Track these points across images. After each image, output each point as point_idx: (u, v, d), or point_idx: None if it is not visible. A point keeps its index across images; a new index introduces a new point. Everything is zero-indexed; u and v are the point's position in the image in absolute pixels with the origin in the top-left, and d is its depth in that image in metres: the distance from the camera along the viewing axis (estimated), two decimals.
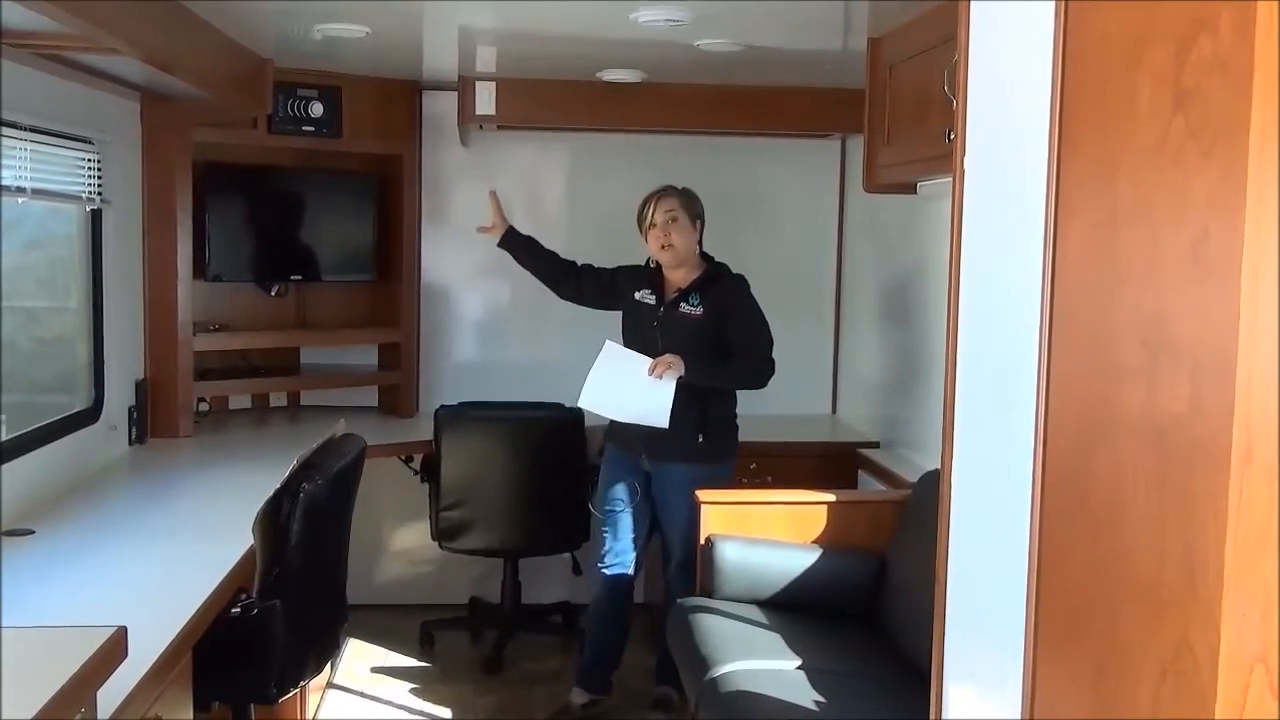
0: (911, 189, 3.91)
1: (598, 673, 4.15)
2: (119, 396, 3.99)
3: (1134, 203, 1.04)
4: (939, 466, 1.52)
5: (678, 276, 4.01)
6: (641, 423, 3.90)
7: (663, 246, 3.94)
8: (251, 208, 4.89)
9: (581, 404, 3.99)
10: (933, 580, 1.45)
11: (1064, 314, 1.13)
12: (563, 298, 4.32)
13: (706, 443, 3.93)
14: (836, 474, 4.65)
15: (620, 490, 4.08)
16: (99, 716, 1.85)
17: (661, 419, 3.83)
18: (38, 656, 1.76)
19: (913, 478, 3.88)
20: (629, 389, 3.89)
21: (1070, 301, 1.12)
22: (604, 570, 4.11)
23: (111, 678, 1.84)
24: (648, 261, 4.09)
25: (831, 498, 3.92)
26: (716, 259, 4.08)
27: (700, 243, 4.02)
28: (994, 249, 1.33)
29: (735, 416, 4.07)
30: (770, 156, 5.31)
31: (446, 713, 4.22)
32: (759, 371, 3.96)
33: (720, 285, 3.97)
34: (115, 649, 1.82)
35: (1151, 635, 0.93)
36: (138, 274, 4.18)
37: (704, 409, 3.92)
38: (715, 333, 3.94)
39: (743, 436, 4.77)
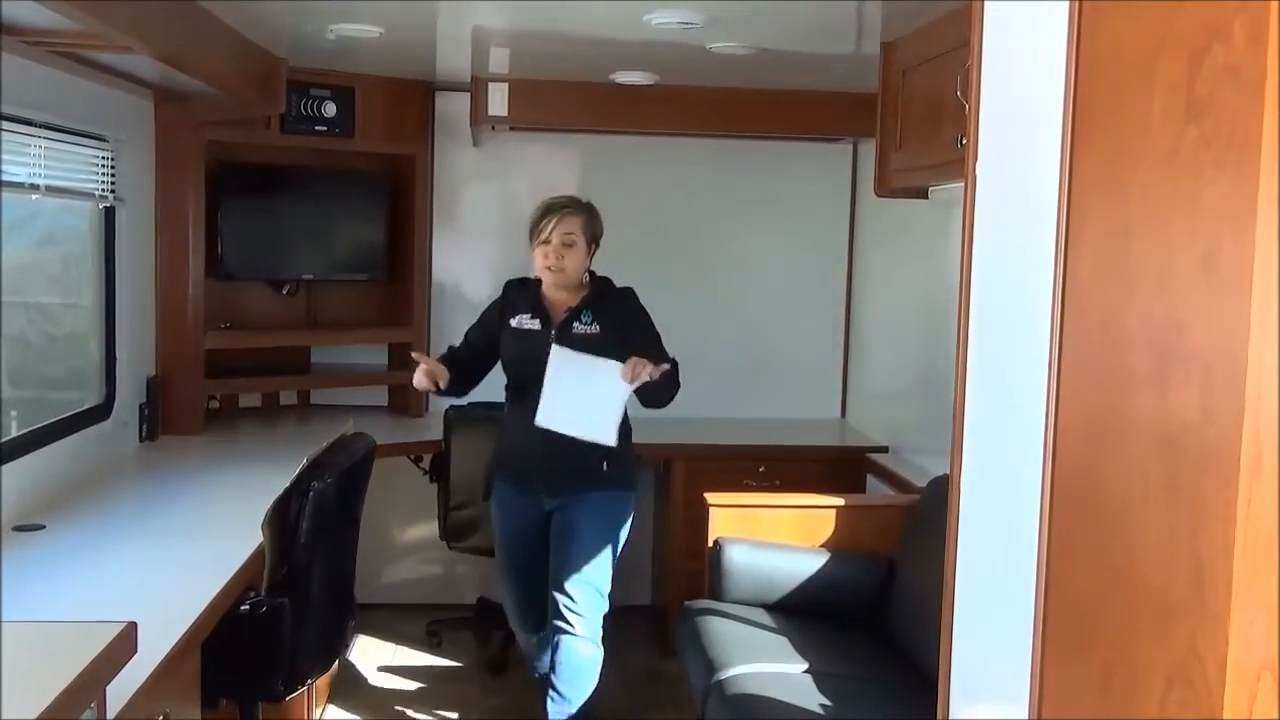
0: (923, 194, 3.91)
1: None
2: (130, 393, 4.00)
3: (1146, 211, 1.04)
4: (948, 472, 1.52)
5: (562, 296, 3.63)
6: (590, 439, 3.46)
7: (550, 268, 3.56)
8: (264, 206, 4.90)
9: (540, 423, 3.44)
10: (940, 585, 1.45)
11: (1075, 321, 1.13)
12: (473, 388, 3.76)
13: (611, 468, 3.54)
14: (845, 478, 4.65)
15: (526, 536, 3.66)
16: (108, 712, 1.86)
17: (611, 434, 3.44)
18: (47, 651, 1.76)
19: (921, 483, 3.88)
20: (585, 398, 3.46)
21: (1081, 308, 1.12)
22: (510, 620, 3.77)
23: (120, 674, 1.85)
24: (515, 283, 3.74)
25: (840, 502, 3.92)
26: (599, 274, 3.72)
27: (592, 257, 3.69)
28: (1005, 255, 1.33)
29: (632, 443, 3.68)
30: (782, 159, 5.31)
31: (453, 714, 4.22)
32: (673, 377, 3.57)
33: (610, 299, 3.63)
34: (124, 645, 1.83)
35: (1159, 643, 0.93)
36: (150, 271, 4.20)
37: None
38: (615, 351, 3.48)
39: (751, 439, 4.80)
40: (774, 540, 3.83)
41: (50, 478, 3.32)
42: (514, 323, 3.63)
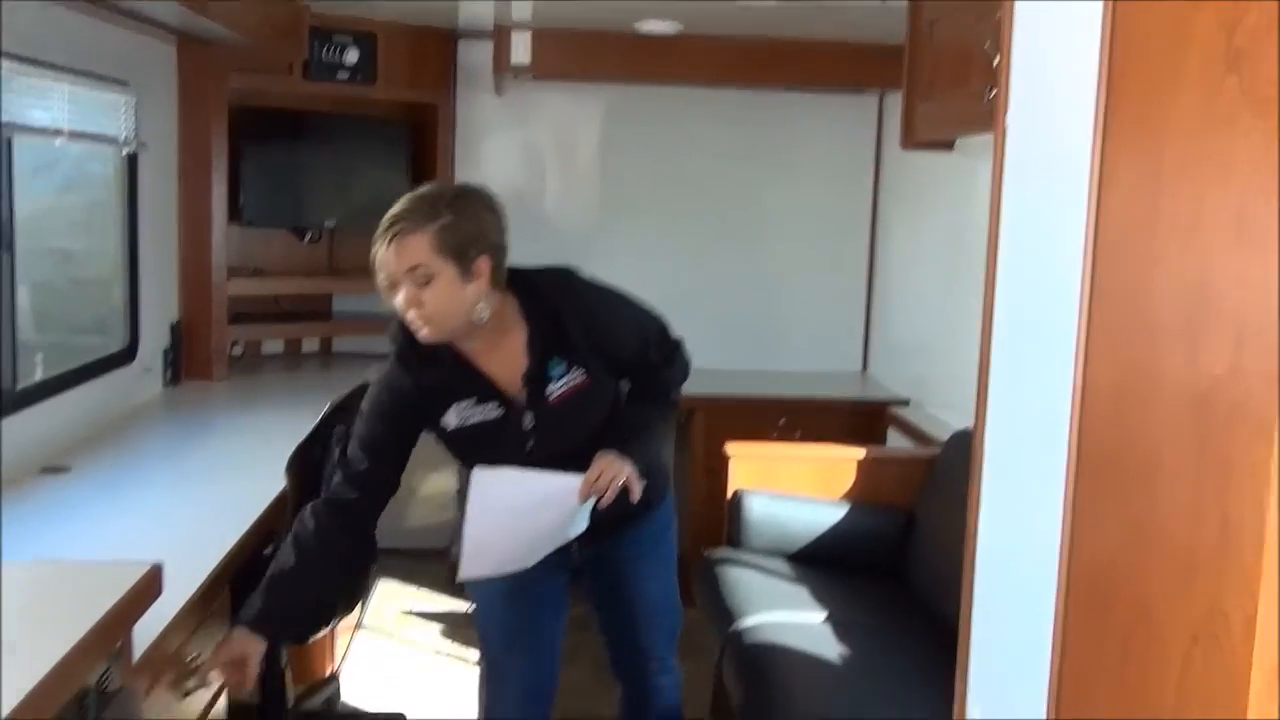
0: (949, 146, 3.87)
1: None
2: (154, 338, 4.02)
3: (1180, 164, 1.03)
4: (969, 426, 1.52)
5: (486, 348, 2.39)
6: (549, 552, 2.49)
7: (417, 321, 2.31)
8: (286, 153, 4.90)
9: (464, 578, 2.46)
10: (960, 538, 1.45)
11: (1104, 276, 1.12)
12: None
13: (651, 485, 2.48)
14: (866, 431, 4.65)
15: (545, 608, 2.67)
16: (133, 653, 1.88)
17: (578, 530, 2.46)
18: (73, 592, 1.79)
19: (943, 436, 3.87)
20: (533, 525, 2.42)
21: (1111, 263, 1.11)
22: None
23: (145, 615, 1.87)
24: (407, 344, 2.38)
25: (861, 453, 3.93)
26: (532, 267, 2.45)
27: (495, 273, 2.33)
28: (1035, 208, 1.32)
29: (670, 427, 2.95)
30: (807, 112, 5.27)
31: (474, 654, 4.27)
32: (679, 373, 2.62)
33: (564, 314, 2.38)
34: (150, 586, 1.85)
35: (1183, 600, 0.93)
36: (173, 218, 4.21)
37: None
38: (612, 386, 2.51)
39: (774, 391, 4.81)
40: (794, 491, 3.83)
41: (76, 420, 3.35)
42: (452, 421, 2.39)
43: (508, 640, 2.65)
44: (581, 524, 2.43)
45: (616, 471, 2.33)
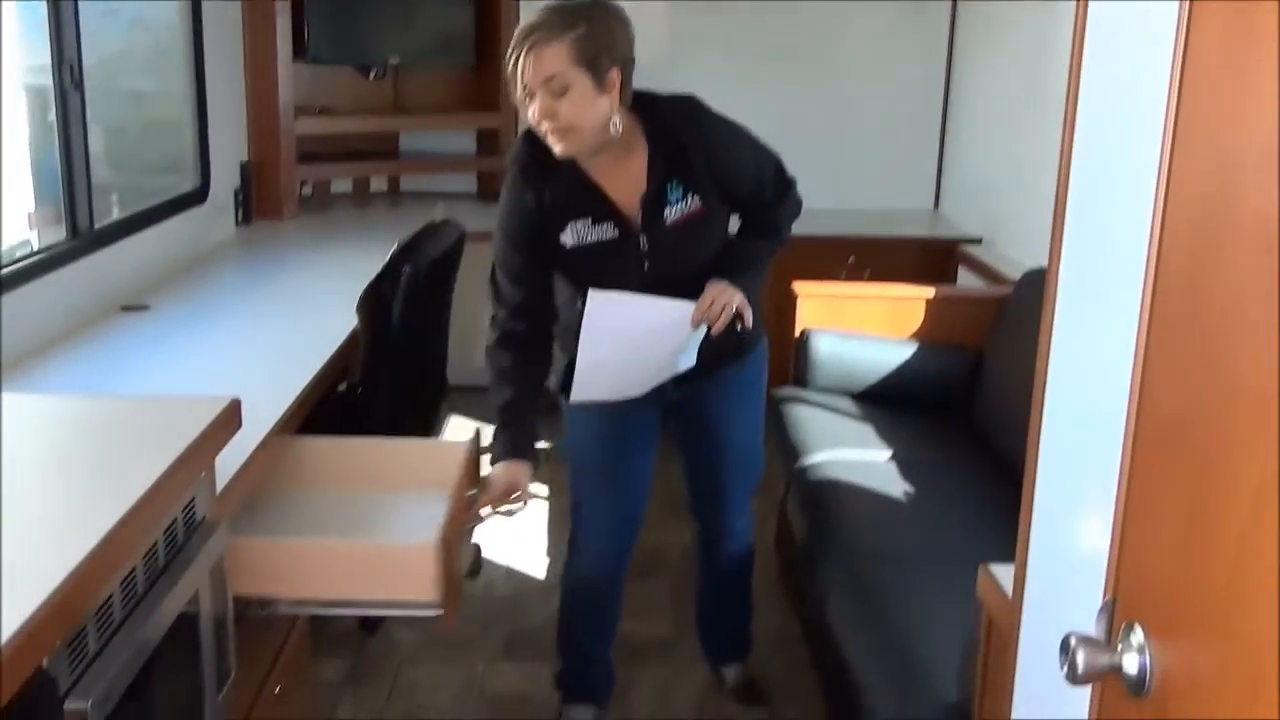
0: None
1: (603, 689, 2.95)
2: (224, 178, 4.06)
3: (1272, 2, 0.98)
4: (1042, 265, 1.49)
5: (609, 166, 2.39)
6: (658, 383, 2.56)
7: (553, 134, 2.30)
8: None
9: (576, 400, 2.53)
10: (1029, 378, 1.44)
11: (1190, 110, 1.08)
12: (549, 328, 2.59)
13: (752, 324, 2.52)
14: (936, 270, 4.60)
15: (638, 442, 2.70)
16: (216, 483, 1.95)
17: (686, 364, 2.49)
18: (157, 425, 1.84)
19: (1014, 275, 3.82)
20: (645, 351, 2.47)
21: (1198, 97, 1.07)
22: (584, 561, 2.79)
23: (225, 450, 1.93)
24: (531, 157, 2.39)
25: (930, 293, 3.89)
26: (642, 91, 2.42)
27: (624, 88, 2.33)
28: (1120, 38, 1.26)
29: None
30: None
31: (544, 490, 4.37)
32: (791, 212, 2.62)
33: (688, 138, 2.39)
34: (230, 419, 1.91)
35: (1255, 450, 0.92)
36: (239, 57, 4.19)
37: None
38: (725, 214, 2.50)
39: (842, 230, 4.74)
40: (862, 331, 3.82)
41: (153, 260, 3.41)
42: (569, 239, 2.40)
43: (599, 471, 2.71)
44: (690, 358, 2.45)
45: (729, 299, 2.38)
